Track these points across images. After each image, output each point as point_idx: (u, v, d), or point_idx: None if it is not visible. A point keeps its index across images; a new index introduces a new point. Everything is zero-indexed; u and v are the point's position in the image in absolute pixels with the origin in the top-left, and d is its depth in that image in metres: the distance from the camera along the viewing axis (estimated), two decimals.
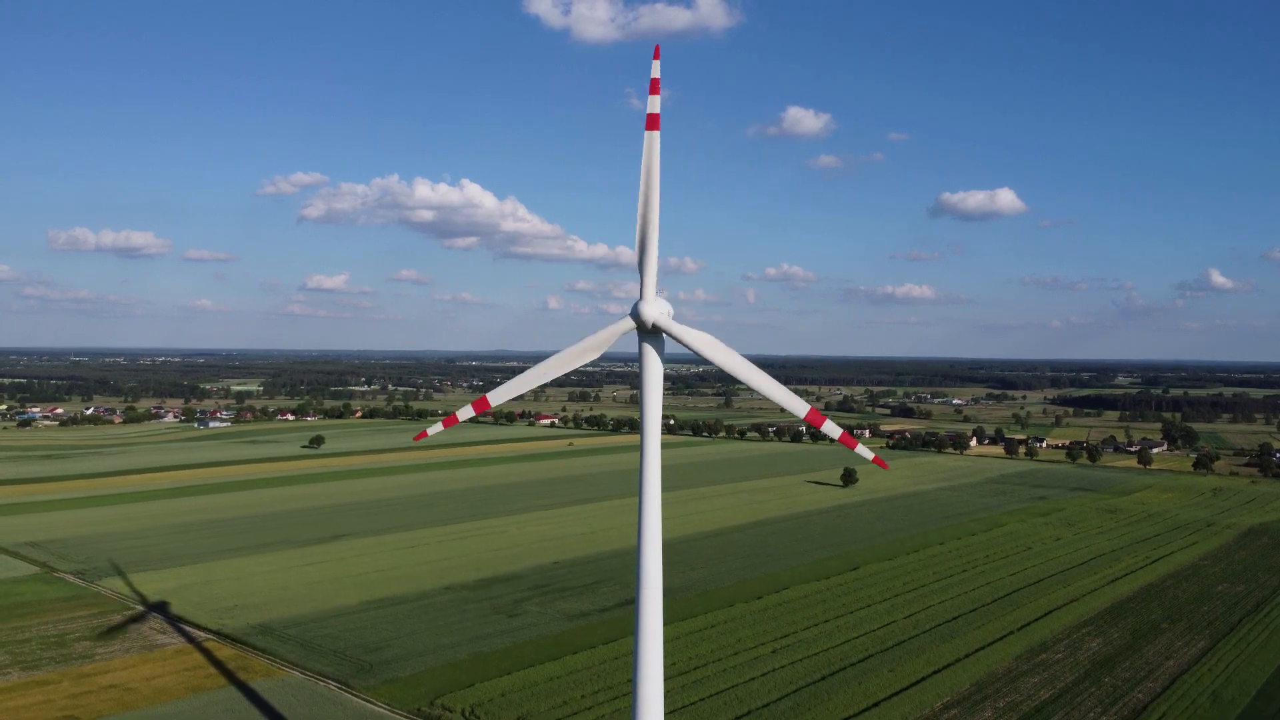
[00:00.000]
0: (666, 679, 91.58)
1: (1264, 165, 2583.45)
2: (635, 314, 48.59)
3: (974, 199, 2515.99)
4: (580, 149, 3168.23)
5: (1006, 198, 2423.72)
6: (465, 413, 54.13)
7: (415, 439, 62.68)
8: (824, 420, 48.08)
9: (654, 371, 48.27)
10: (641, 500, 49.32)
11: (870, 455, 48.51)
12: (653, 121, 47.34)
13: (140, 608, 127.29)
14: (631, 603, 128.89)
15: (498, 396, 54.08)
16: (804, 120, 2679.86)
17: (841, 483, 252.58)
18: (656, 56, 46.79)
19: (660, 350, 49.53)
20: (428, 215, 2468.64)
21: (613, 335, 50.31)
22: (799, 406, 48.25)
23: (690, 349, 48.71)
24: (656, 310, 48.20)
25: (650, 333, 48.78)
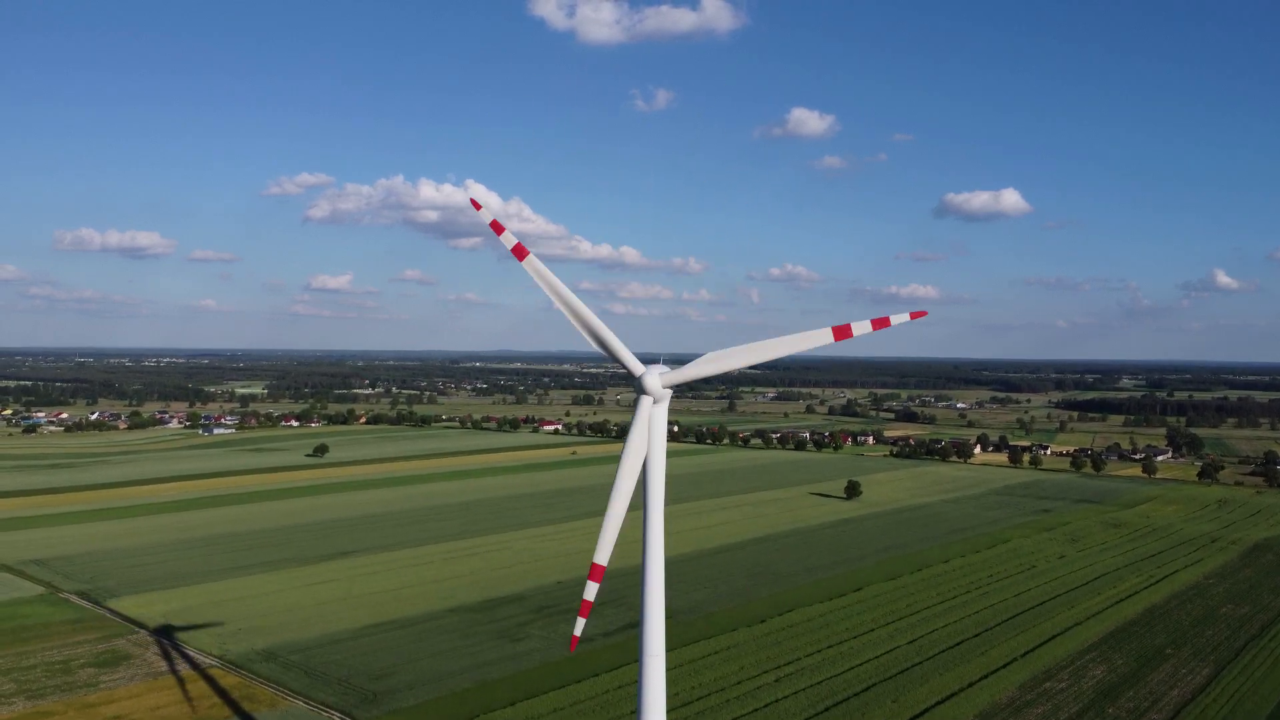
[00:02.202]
0: (669, 710, 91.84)
1: (1269, 165, 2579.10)
2: (642, 377, 49.50)
3: (978, 199, 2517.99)
4: (585, 150, 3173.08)
5: (1011, 198, 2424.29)
6: (509, 239, 52.25)
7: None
8: (599, 580, 50.06)
9: (654, 439, 48.77)
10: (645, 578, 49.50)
11: (578, 630, 50.72)
12: (843, 331, 48.67)
13: (145, 632, 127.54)
14: (635, 626, 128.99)
15: (532, 265, 52.42)
16: (809, 121, 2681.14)
17: (845, 495, 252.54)
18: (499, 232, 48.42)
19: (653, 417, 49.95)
20: (432, 216, 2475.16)
21: (623, 356, 51.45)
22: (601, 554, 49.99)
23: (630, 431, 49.17)
24: (658, 386, 49.09)
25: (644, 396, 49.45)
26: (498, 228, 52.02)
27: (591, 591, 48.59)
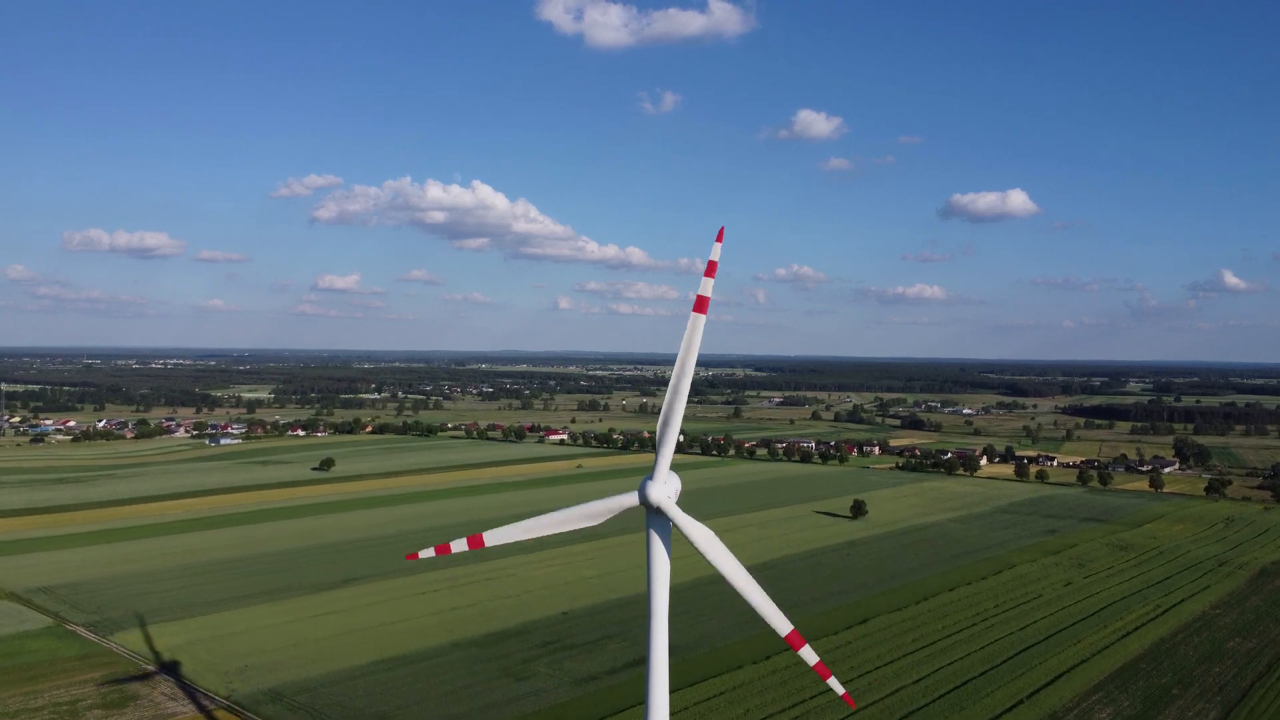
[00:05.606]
0: None
1: (1276, 166, 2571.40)
2: (642, 493, 48.67)
3: (985, 200, 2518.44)
4: (592, 151, 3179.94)
5: (1018, 199, 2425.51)
6: (459, 545, 55.02)
7: (407, 557, 65.02)
8: (803, 644, 50.19)
9: (660, 556, 48.40)
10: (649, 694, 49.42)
11: (841, 690, 50.85)
12: (701, 304, 47.25)
13: (152, 668, 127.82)
14: (641, 663, 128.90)
15: (493, 537, 54.85)
16: (816, 123, 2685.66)
17: (851, 514, 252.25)
18: (720, 239, 46.72)
19: (666, 532, 49.61)
20: (439, 216, 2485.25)
21: (616, 508, 50.79)
22: (781, 625, 50.43)
23: (687, 537, 49.15)
24: (662, 492, 48.21)
25: (656, 512, 48.84)
26: (445, 549, 56.57)
27: (810, 654, 52.59)
